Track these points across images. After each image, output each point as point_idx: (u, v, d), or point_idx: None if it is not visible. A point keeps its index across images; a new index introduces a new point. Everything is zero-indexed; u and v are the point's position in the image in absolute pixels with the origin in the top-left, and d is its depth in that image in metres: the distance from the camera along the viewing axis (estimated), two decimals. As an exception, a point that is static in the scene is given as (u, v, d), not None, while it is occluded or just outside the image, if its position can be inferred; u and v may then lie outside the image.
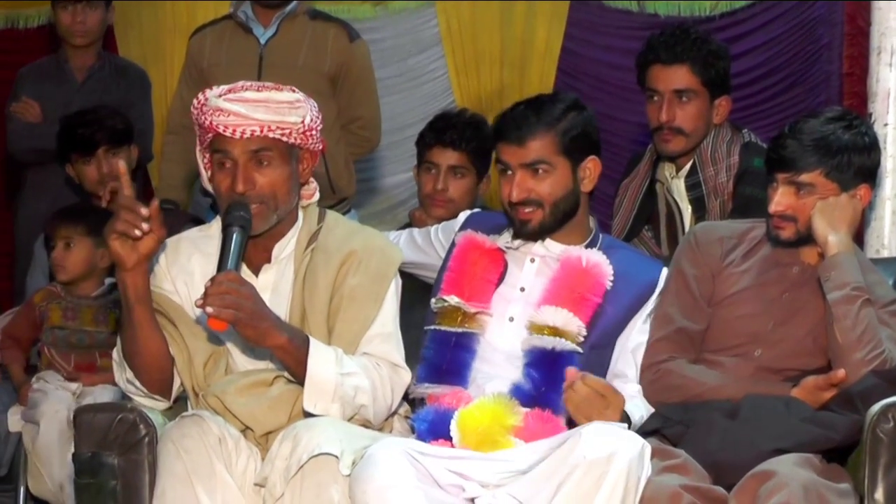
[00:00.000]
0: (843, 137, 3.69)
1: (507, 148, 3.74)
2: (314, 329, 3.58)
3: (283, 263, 3.69)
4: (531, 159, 3.72)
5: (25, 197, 5.77)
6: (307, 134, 3.61)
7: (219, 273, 3.44)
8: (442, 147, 4.79)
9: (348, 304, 3.63)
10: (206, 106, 3.56)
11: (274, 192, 3.58)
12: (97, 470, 3.53)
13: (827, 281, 3.62)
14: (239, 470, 3.45)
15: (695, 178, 4.57)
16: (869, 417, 3.38)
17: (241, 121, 3.53)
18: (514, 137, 3.72)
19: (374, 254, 3.71)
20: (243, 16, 5.51)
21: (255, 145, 3.55)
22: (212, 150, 3.61)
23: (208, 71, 5.42)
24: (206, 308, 3.37)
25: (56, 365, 4.83)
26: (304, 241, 3.69)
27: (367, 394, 3.55)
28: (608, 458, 3.25)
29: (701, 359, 3.76)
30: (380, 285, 3.68)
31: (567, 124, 3.73)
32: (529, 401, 3.59)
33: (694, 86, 4.52)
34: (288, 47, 5.44)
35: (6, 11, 6.95)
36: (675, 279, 3.82)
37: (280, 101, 3.58)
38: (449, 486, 3.40)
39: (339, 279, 3.64)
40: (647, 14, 6.68)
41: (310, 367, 3.48)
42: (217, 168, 3.60)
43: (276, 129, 3.55)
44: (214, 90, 3.59)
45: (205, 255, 3.69)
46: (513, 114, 3.76)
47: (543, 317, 3.68)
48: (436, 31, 6.86)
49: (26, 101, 5.69)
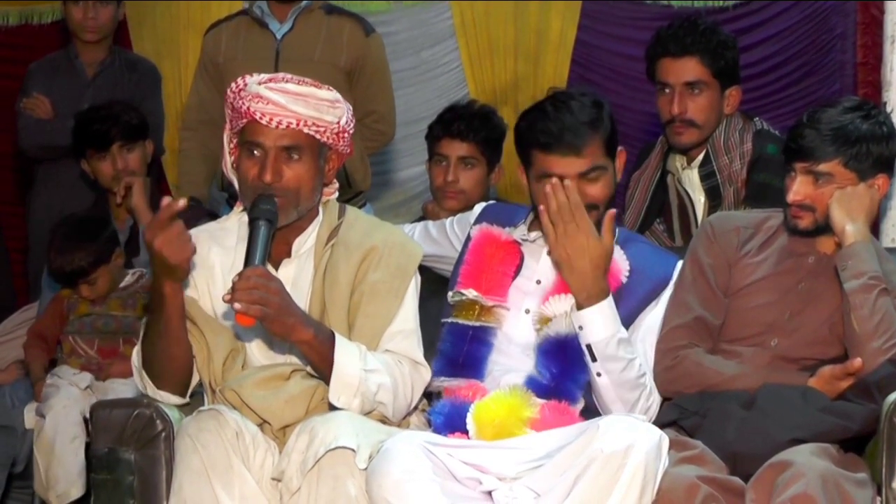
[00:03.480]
0: (862, 127, 3.68)
1: (562, 160, 3.65)
2: (334, 324, 3.58)
3: (302, 258, 3.68)
4: (588, 167, 3.67)
5: (37, 192, 5.76)
6: (340, 135, 3.62)
7: (246, 267, 3.43)
8: (451, 138, 4.81)
9: (369, 299, 3.63)
10: (245, 91, 3.56)
11: (299, 187, 3.57)
12: (114, 465, 3.55)
13: (844, 270, 3.62)
14: (256, 464, 3.45)
15: (709, 168, 4.57)
16: (886, 406, 3.38)
17: (279, 110, 3.53)
18: (569, 148, 3.64)
19: (395, 249, 3.70)
20: (259, 11, 5.52)
21: (288, 141, 3.55)
22: (242, 137, 3.60)
23: (224, 66, 5.44)
24: (235, 304, 3.37)
25: (78, 350, 4.86)
26: (324, 236, 3.69)
27: (389, 392, 3.55)
28: (626, 451, 3.25)
29: (717, 349, 3.76)
30: (401, 281, 3.68)
31: (606, 123, 3.70)
32: (545, 392, 3.59)
33: (704, 77, 4.51)
34: (304, 42, 5.45)
35: (20, 8, 6.95)
36: (691, 268, 3.82)
37: (320, 97, 3.58)
38: (466, 479, 3.40)
39: (360, 274, 3.64)
40: (661, 5, 6.67)
41: (336, 361, 3.48)
42: (246, 155, 3.59)
43: (311, 125, 3.56)
44: (255, 77, 3.59)
45: (224, 248, 3.69)
46: (557, 126, 3.66)
47: (552, 307, 3.67)
48: (450, 24, 6.85)
49: (37, 96, 5.68)
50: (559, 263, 3.64)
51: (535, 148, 3.68)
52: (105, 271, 4.89)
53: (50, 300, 5.04)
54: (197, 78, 5.68)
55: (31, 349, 4.99)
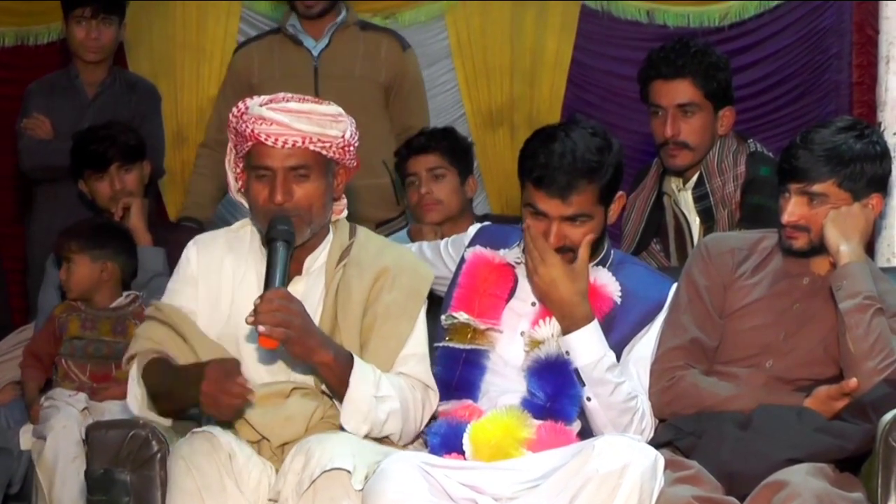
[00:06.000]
0: (855, 147, 3.69)
1: (548, 200, 3.64)
2: (346, 343, 3.59)
3: (312, 276, 3.70)
4: (572, 213, 3.65)
5: (37, 212, 5.75)
6: (345, 149, 3.63)
7: (267, 289, 3.44)
8: (416, 155, 4.95)
9: (383, 320, 3.64)
10: (247, 114, 3.57)
11: (310, 205, 3.59)
12: (109, 487, 3.54)
13: (839, 290, 3.62)
14: (252, 485, 3.45)
15: (702, 190, 4.58)
16: (882, 426, 3.37)
17: (283, 130, 3.54)
18: (556, 191, 3.62)
19: (407, 271, 3.72)
20: (292, 29, 5.52)
21: (295, 161, 3.56)
22: (248, 161, 3.61)
23: (260, 86, 5.37)
24: (259, 327, 3.39)
25: (71, 375, 4.85)
26: (335, 255, 3.70)
27: (398, 419, 3.56)
28: (621, 471, 3.26)
29: (713, 370, 3.76)
30: (414, 303, 3.70)
31: (606, 172, 3.66)
32: (541, 413, 3.59)
33: (697, 99, 4.52)
34: (343, 58, 5.46)
35: (16, 28, 6.95)
36: (686, 289, 3.82)
37: (323, 113, 3.59)
38: (462, 499, 3.40)
39: (373, 295, 3.66)
40: (657, 25, 6.68)
41: (350, 386, 3.49)
42: (255, 179, 3.60)
43: (316, 142, 3.57)
44: (255, 99, 3.61)
45: (236, 256, 3.70)
46: (552, 164, 3.62)
47: (541, 331, 3.68)
48: (446, 44, 6.85)
49: (37, 117, 5.65)
50: (538, 294, 3.69)
51: (528, 177, 3.68)
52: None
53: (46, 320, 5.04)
54: (221, 98, 5.68)
55: (27, 369, 4.98)
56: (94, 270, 4.88)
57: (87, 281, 4.88)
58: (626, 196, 3.93)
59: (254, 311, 3.40)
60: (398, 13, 6.86)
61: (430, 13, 6.88)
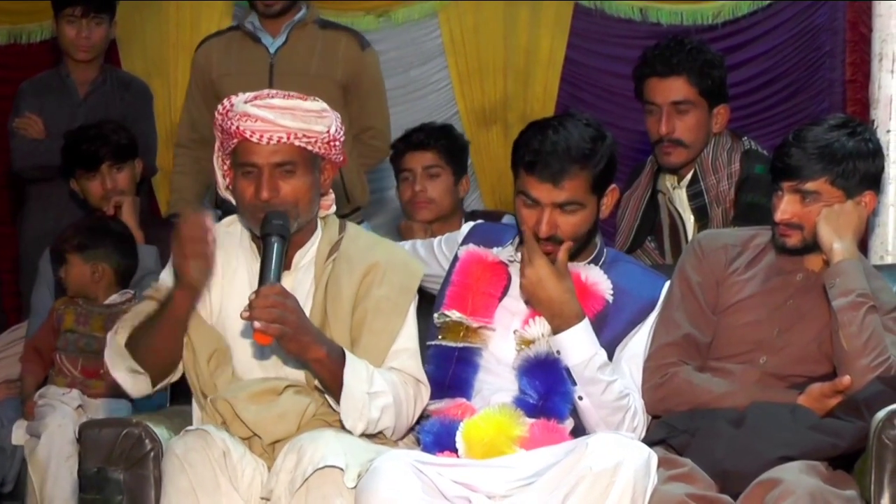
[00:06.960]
0: (848, 144, 3.69)
1: (540, 185, 3.64)
2: (336, 338, 3.59)
3: (301, 271, 3.70)
4: (564, 199, 3.65)
5: (30, 212, 5.75)
6: (331, 144, 3.63)
7: (262, 285, 3.45)
8: (412, 151, 4.94)
9: (374, 316, 3.64)
10: (232, 111, 3.58)
11: (297, 200, 3.59)
12: (103, 485, 3.54)
13: (832, 287, 3.62)
14: (244, 484, 3.45)
15: (696, 188, 4.58)
16: (874, 424, 3.37)
17: (268, 126, 3.54)
18: (549, 176, 3.62)
19: (398, 267, 3.73)
20: (251, 26, 5.51)
21: (280, 157, 3.56)
22: (235, 158, 3.62)
23: (218, 81, 5.43)
24: (254, 323, 3.39)
25: (64, 370, 4.85)
26: (324, 250, 3.70)
27: (391, 415, 3.56)
28: (614, 469, 3.25)
29: (706, 366, 3.75)
30: (404, 298, 3.70)
31: (599, 161, 3.66)
32: (534, 411, 3.59)
33: (691, 97, 4.52)
34: (299, 56, 5.45)
35: (9, 27, 6.95)
36: (679, 286, 3.82)
37: (307, 109, 3.59)
38: (455, 497, 3.39)
39: (363, 290, 3.66)
40: (650, 23, 6.69)
41: (345, 384, 3.49)
42: (241, 176, 3.60)
43: (301, 137, 3.57)
44: (241, 96, 3.61)
45: (227, 252, 3.69)
46: (545, 149, 3.64)
47: (532, 330, 3.68)
48: (439, 42, 6.86)
49: (29, 116, 5.66)
50: (525, 296, 3.69)
51: (521, 164, 3.68)
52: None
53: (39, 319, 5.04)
54: (189, 95, 5.67)
55: (27, 363, 5.01)
56: (86, 271, 4.90)
57: (81, 281, 4.90)
58: (621, 193, 3.93)
59: (249, 306, 3.40)
60: (391, 11, 6.87)
61: (424, 11, 6.89)
